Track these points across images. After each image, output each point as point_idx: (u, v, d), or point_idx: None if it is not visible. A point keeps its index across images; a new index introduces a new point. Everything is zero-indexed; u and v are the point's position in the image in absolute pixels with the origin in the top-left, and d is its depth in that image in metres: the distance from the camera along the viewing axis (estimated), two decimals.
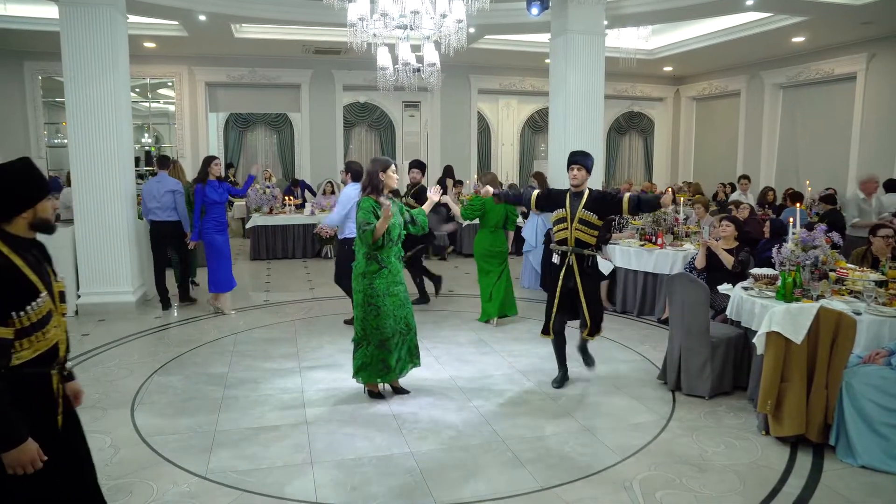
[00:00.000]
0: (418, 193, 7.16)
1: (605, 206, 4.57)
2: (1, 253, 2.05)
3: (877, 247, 5.21)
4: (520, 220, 10.74)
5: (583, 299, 4.64)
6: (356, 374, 4.53)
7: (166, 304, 7.25)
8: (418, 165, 7.44)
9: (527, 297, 7.89)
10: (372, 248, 4.27)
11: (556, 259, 4.73)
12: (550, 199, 4.79)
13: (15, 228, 2.12)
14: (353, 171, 6.31)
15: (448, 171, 11.79)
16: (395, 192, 7.15)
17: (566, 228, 4.60)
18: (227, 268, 6.87)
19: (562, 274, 4.67)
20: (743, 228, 6.11)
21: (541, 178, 8.92)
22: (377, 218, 4.21)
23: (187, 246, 7.22)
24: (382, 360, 4.43)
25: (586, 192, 4.61)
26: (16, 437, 2.00)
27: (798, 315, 3.81)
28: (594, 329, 4.72)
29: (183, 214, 7.23)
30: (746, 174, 10.97)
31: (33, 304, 2.06)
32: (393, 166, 4.45)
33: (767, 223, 7.17)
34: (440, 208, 6.44)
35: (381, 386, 4.64)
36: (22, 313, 2.03)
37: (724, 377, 4.65)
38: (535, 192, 4.95)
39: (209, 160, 6.80)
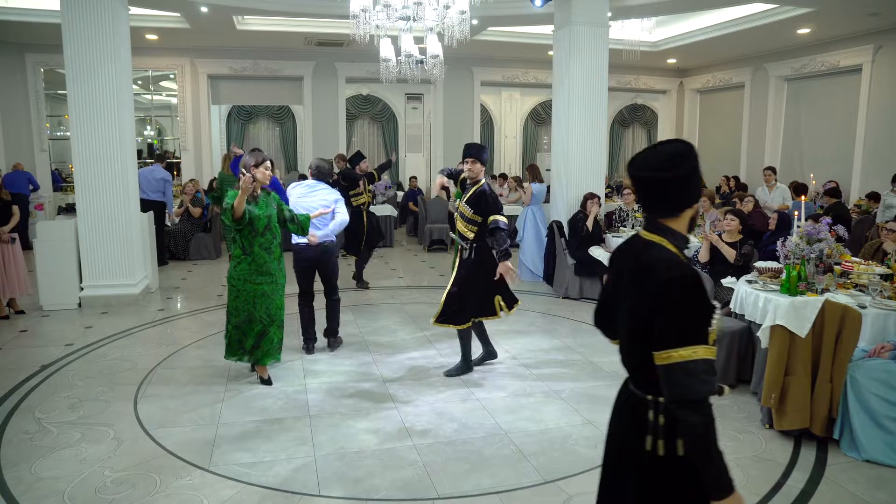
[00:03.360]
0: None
1: (480, 205, 4.67)
2: (679, 261, 1.69)
3: (887, 243, 5.19)
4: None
5: (448, 285, 4.81)
6: (225, 352, 4.75)
7: (162, 262, 8.90)
8: (362, 157, 8.14)
9: (528, 290, 7.88)
10: (234, 226, 4.40)
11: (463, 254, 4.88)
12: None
13: (679, 226, 1.76)
14: (317, 169, 5.56)
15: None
16: (370, 177, 8.18)
17: (459, 222, 4.82)
18: None
19: (455, 263, 4.90)
20: (747, 222, 6.08)
21: (534, 170, 8.90)
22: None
23: (164, 220, 9.29)
24: (238, 340, 4.63)
25: (477, 185, 4.74)
26: (729, 483, 1.64)
27: (803, 308, 3.79)
28: (441, 317, 4.80)
29: (169, 199, 9.53)
30: (772, 166, 10.58)
31: (714, 318, 1.70)
32: (268, 163, 4.56)
33: (775, 215, 7.15)
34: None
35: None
36: (710, 329, 1.68)
37: (728, 370, 4.64)
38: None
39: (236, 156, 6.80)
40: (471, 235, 4.73)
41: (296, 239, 5.25)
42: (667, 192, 1.73)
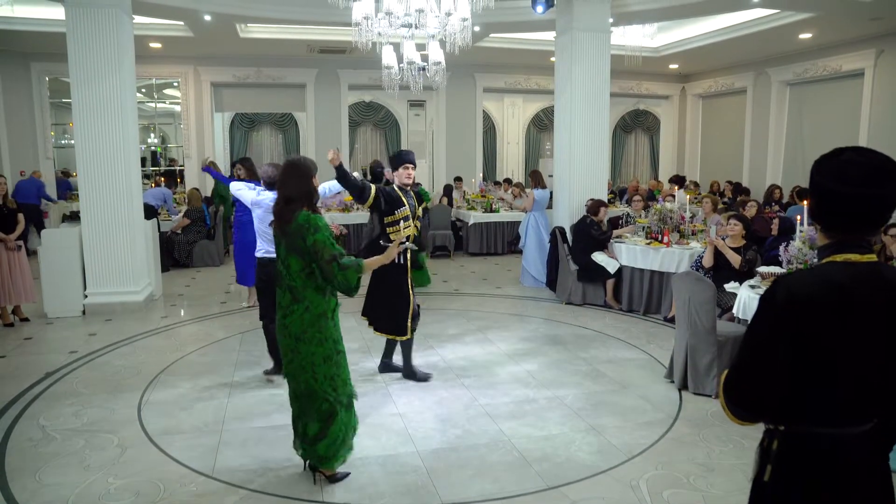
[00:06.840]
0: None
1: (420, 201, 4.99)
2: None
3: (892, 247, 5.18)
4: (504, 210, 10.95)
5: (411, 292, 4.81)
6: (332, 461, 3.33)
7: (165, 268, 9.04)
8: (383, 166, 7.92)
9: (531, 296, 7.88)
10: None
11: (399, 259, 4.70)
12: (387, 200, 4.71)
13: None
14: (246, 168, 6.35)
15: (448, 191, 12.20)
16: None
17: (410, 226, 4.79)
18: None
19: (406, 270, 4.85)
20: (751, 227, 6.08)
21: (536, 176, 8.91)
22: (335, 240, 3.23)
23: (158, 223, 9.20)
24: (352, 424, 3.43)
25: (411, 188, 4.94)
26: None
27: None
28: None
29: (170, 207, 10.48)
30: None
31: None
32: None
33: (776, 221, 7.14)
34: None
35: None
36: None
37: None
38: (374, 188, 4.73)
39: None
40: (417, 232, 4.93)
41: (261, 248, 4.79)
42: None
